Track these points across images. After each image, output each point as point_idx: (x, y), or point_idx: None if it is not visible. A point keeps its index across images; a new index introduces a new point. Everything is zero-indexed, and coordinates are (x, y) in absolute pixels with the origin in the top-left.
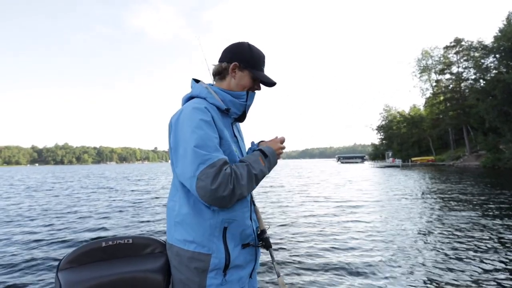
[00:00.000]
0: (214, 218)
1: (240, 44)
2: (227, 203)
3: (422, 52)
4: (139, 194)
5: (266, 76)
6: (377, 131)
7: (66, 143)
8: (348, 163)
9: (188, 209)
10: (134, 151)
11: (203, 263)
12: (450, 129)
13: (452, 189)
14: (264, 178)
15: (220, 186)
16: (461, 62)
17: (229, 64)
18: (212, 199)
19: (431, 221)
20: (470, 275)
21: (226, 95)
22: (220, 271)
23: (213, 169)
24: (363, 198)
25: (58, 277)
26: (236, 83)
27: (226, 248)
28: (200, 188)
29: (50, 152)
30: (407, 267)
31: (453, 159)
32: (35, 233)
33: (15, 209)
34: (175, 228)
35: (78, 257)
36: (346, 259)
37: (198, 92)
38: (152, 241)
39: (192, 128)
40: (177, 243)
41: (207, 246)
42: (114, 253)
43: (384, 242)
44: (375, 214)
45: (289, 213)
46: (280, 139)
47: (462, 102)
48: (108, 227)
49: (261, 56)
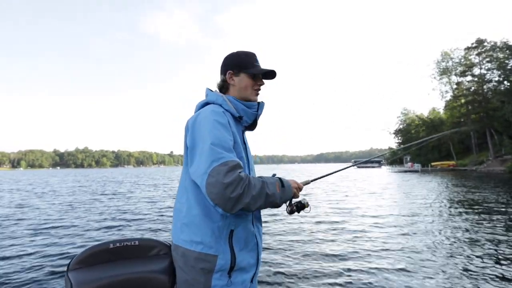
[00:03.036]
0: (222, 220)
1: (228, 55)
2: (231, 207)
3: (442, 54)
4: (152, 198)
5: (261, 69)
6: (395, 135)
7: (86, 147)
8: (365, 167)
9: (198, 210)
10: (150, 155)
11: (209, 264)
12: (472, 133)
13: (484, 198)
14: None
15: (230, 185)
16: (484, 63)
17: (225, 75)
18: (218, 197)
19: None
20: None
21: (239, 104)
22: (225, 273)
23: (225, 167)
24: (388, 209)
25: (68, 277)
26: (238, 89)
27: (232, 250)
28: (210, 184)
29: (71, 156)
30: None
31: (475, 164)
32: (47, 235)
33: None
34: (181, 229)
35: (87, 258)
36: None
37: (214, 99)
38: (158, 243)
39: (210, 128)
40: (183, 244)
41: (215, 247)
42: (121, 255)
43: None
44: (401, 226)
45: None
46: (299, 185)
47: (485, 104)
48: (116, 230)
49: (249, 55)
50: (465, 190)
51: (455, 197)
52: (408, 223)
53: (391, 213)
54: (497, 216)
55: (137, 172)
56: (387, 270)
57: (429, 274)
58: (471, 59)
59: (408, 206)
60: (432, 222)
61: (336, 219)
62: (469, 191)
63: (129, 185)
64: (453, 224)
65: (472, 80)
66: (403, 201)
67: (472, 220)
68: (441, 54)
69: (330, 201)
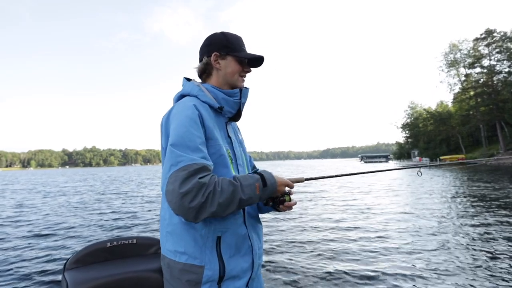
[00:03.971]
0: (205, 227)
1: (212, 35)
2: (193, 217)
3: (450, 46)
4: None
5: (250, 54)
6: (402, 129)
7: (94, 146)
8: (372, 162)
9: (178, 218)
10: (157, 153)
11: (195, 276)
12: (481, 126)
13: (500, 193)
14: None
15: (187, 194)
16: (493, 54)
17: (209, 57)
18: (177, 206)
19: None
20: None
21: (219, 92)
22: (215, 283)
23: (184, 172)
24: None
25: (65, 276)
26: (223, 74)
27: (221, 259)
28: (168, 192)
29: (80, 155)
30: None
31: (485, 157)
32: (45, 232)
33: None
34: (166, 238)
35: (83, 257)
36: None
37: (189, 90)
38: (156, 241)
39: (175, 126)
40: (168, 254)
41: (199, 257)
42: (118, 253)
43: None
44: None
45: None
46: (290, 184)
47: (495, 96)
48: (116, 228)
49: (238, 38)
50: (479, 184)
51: (470, 192)
52: (420, 219)
53: (402, 209)
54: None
55: (144, 171)
56: (398, 268)
57: (444, 273)
58: (480, 50)
59: (419, 202)
60: (446, 218)
61: (343, 216)
62: (484, 186)
63: (134, 184)
64: (470, 221)
65: (481, 71)
66: (413, 197)
67: (490, 216)
68: (449, 46)
69: (336, 198)
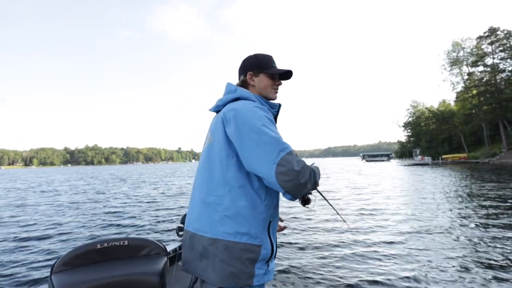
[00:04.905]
0: (266, 212)
1: (247, 57)
2: (300, 192)
3: (453, 44)
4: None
5: (278, 69)
6: (404, 128)
7: (96, 144)
8: (374, 161)
9: (245, 202)
10: (159, 151)
11: (254, 254)
12: (484, 125)
13: (504, 192)
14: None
15: (301, 172)
16: (497, 52)
17: (245, 76)
18: (292, 184)
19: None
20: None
21: (265, 103)
22: (265, 262)
23: (293, 156)
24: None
25: (51, 280)
26: (258, 89)
27: (270, 240)
28: (281, 173)
29: (81, 153)
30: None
31: (488, 156)
32: (32, 234)
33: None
34: (222, 222)
35: (72, 259)
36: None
37: (248, 95)
38: (149, 242)
39: (263, 122)
40: (226, 236)
41: (260, 237)
42: (109, 255)
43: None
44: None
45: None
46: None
47: (498, 95)
48: (109, 229)
49: (267, 57)
50: (482, 184)
51: (473, 192)
52: (425, 219)
53: (406, 209)
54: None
55: (144, 169)
56: (402, 266)
57: (449, 272)
58: (484, 49)
59: (423, 202)
60: (451, 218)
61: (349, 214)
62: (487, 185)
63: (130, 183)
64: (476, 220)
65: (485, 70)
66: (418, 197)
67: (494, 216)
68: (452, 44)
69: (343, 196)
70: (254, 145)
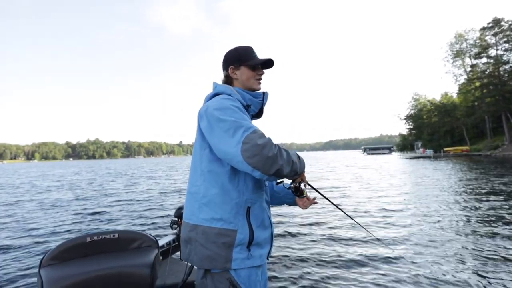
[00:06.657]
0: (239, 197)
1: (227, 52)
2: (270, 167)
3: (456, 35)
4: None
5: (258, 59)
6: (406, 120)
7: (97, 138)
8: (375, 154)
9: (216, 189)
10: (160, 145)
11: (229, 238)
12: (487, 117)
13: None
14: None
15: (265, 146)
16: (501, 44)
17: (227, 71)
18: (257, 159)
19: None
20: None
21: (246, 94)
22: (244, 247)
23: (257, 133)
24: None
25: (40, 274)
26: (241, 81)
27: (250, 226)
28: (246, 150)
29: (83, 147)
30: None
31: (490, 148)
32: (20, 228)
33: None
34: (200, 210)
35: (61, 253)
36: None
37: (223, 89)
38: (139, 235)
39: (227, 111)
40: (203, 222)
41: (234, 222)
42: (99, 248)
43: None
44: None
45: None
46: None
47: (501, 87)
48: (99, 221)
49: (247, 49)
50: (486, 176)
51: (477, 185)
52: (427, 212)
53: (410, 203)
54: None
55: (145, 163)
56: (404, 259)
57: (452, 265)
58: (487, 40)
59: (426, 195)
60: (456, 211)
61: (348, 206)
62: (490, 178)
63: (127, 178)
64: (480, 213)
65: (488, 62)
66: (421, 190)
67: (497, 209)
68: (455, 36)
69: (344, 189)
70: (221, 131)
